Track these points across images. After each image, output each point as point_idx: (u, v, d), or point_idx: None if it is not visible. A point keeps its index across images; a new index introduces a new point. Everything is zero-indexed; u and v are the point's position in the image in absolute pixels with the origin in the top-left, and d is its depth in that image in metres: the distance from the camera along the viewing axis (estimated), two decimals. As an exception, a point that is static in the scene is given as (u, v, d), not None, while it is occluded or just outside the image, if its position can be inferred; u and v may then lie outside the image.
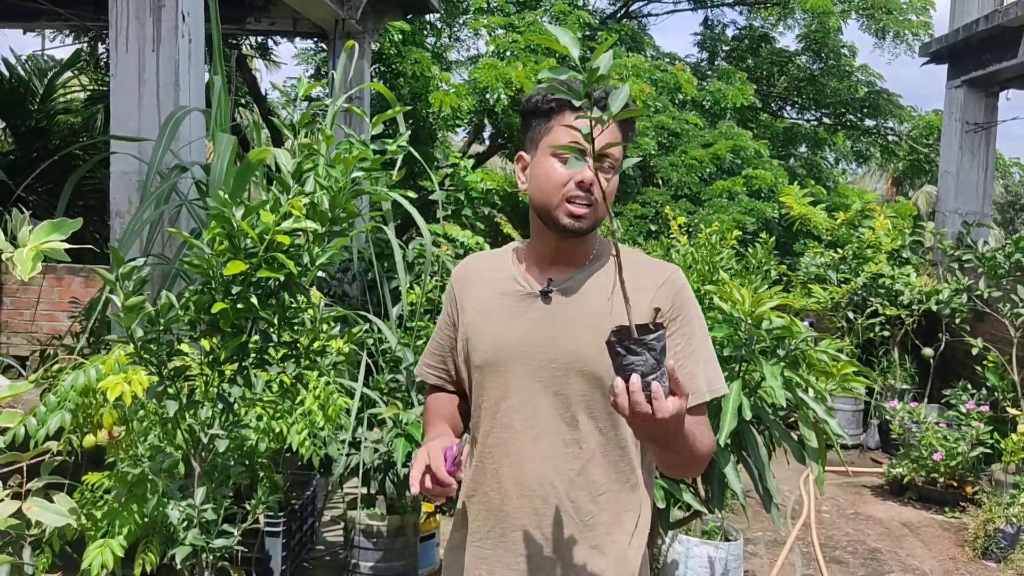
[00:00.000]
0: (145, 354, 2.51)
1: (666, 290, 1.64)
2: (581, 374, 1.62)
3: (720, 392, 1.64)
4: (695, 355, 1.62)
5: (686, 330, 1.63)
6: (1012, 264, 6.51)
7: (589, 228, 1.63)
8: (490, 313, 1.72)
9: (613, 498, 1.66)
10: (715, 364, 1.66)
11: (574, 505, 1.64)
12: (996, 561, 4.89)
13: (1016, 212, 27.71)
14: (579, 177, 1.59)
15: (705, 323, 1.69)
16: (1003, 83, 7.87)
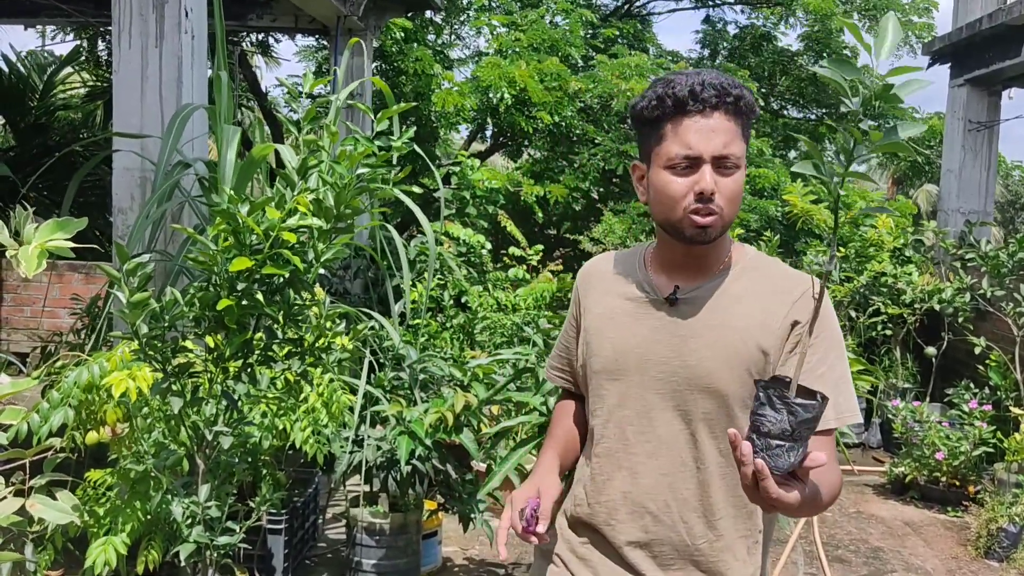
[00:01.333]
0: (150, 350, 2.50)
1: (805, 304, 1.51)
2: (704, 391, 1.53)
3: (851, 420, 1.51)
4: (825, 377, 1.47)
5: (818, 349, 1.49)
6: (1015, 263, 6.50)
7: (717, 236, 1.52)
8: (613, 317, 1.64)
9: (730, 523, 1.57)
10: (848, 388, 1.52)
11: (687, 527, 1.57)
12: (999, 560, 4.88)
13: (1016, 211, 27.70)
14: (699, 188, 1.48)
15: (843, 341, 1.55)
16: (1006, 82, 7.87)
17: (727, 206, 1.49)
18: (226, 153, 3.38)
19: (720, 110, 1.48)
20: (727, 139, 1.48)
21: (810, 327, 1.33)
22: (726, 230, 1.54)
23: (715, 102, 1.47)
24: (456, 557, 4.53)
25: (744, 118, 1.51)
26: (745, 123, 1.52)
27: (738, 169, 1.50)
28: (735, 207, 1.51)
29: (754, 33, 12.03)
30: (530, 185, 9.22)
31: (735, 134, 1.49)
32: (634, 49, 10.98)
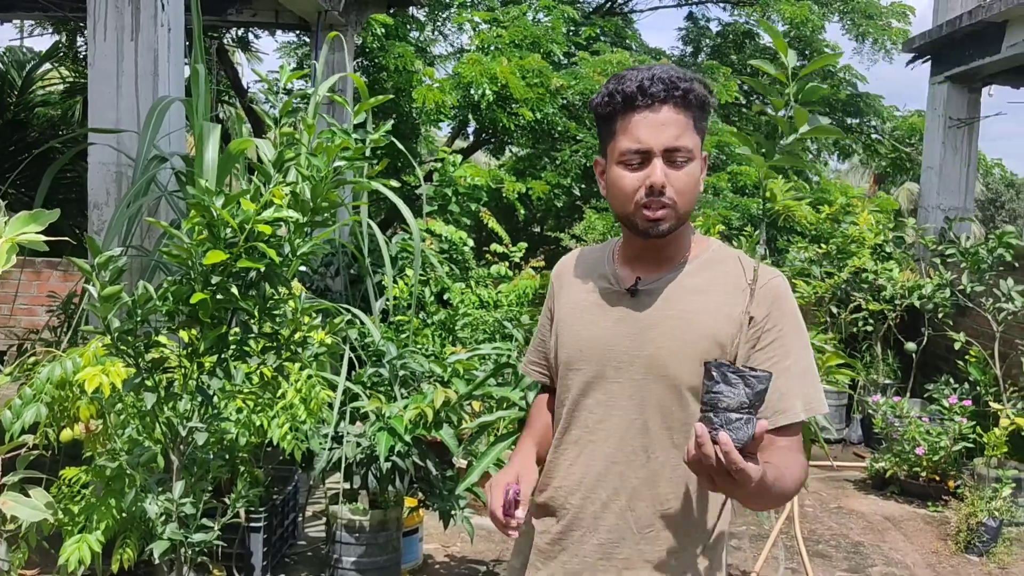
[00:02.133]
0: (122, 345, 2.46)
1: (762, 298, 1.52)
2: (660, 380, 1.55)
3: (818, 411, 1.53)
4: (790, 370, 1.50)
5: (782, 343, 1.51)
6: (995, 259, 6.54)
7: (671, 228, 1.54)
8: (581, 309, 1.67)
9: (679, 516, 1.58)
10: (814, 380, 1.54)
11: (634, 515, 1.58)
12: (979, 555, 4.91)
13: (996, 209, 27.95)
14: (649, 182, 1.50)
15: (807, 337, 1.57)
16: (986, 79, 7.91)
17: (680, 199, 1.51)
18: (204, 147, 3.34)
19: (669, 104, 1.50)
20: (677, 132, 1.50)
21: (748, 313, 1.42)
22: (682, 222, 1.56)
23: (663, 96, 1.49)
24: (437, 554, 4.51)
25: (696, 111, 1.53)
26: (697, 115, 1.53)
27: (690, 162, 1.52)
28: (689, 199, 1.53)
29: (736, 30, 12.05)
30: (512, 182, 9.20)
31: (686, 127, 1.51)
32: (616, 46, 10.97)
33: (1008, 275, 6.31)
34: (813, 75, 1.24)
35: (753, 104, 11.47)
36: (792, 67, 1.31)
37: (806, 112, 1.31)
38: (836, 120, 11.95)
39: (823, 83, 11.55)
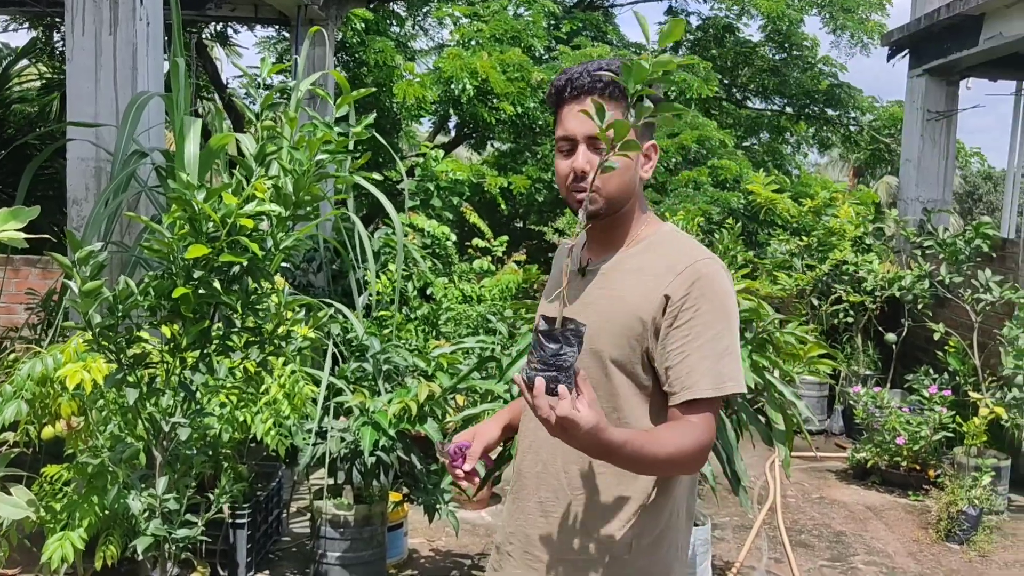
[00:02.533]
0: (104, 341, 2.45)
1: (683, 279, 1.60)
2: (589, 352, 1.63)
3: (728, 390, 1.58)
4: (702, 349, 1.57)
5: (697, 322, 1.58)
6: (973, 250, 6.60)
7: (600, 211, 1.65)
8: (549, 289, 1.85)
9: (611, 479, 1.65)
10: (733, 361, 1.59)
11: (567, 477, 1.68)
12: (959, 543, 4.96)
13: (974, 202, 28.21)
14: (572, 167, 1.65)
15: (732, 319, 1.62)
16: (964, 71, 7.97)
17: (603, 183, 1.62)
18: (184, 141, 3.32)
19: (594, 95, 1.62)
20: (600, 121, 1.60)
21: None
22: (612, 205, 1.66)
23: (588, 88, 1.62)
24: (422, 548, 4.51)
25: (622, 101, 1.61)
26: (625, 105, 1.59)
27: (615, 152, 1.59)
28: (615, 184, 1.63)
29: (716, 24, 12.08)
30: (494, 177, 9.19)
31: (615, 116, 1.59)
32: (597, 41, 10.98)
33: (986, 266, 6.37)
34: (790, 66, 1.26)
35: (732, 99, 11.54)
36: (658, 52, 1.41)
37: (648, 90, 1.44)
38: (816, 111, 12.02)
39: (802, 75, 11.64)
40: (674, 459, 1.53)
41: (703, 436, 1.56)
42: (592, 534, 1.65)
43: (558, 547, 1.68)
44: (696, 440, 1.55)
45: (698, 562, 4.06)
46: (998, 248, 6.64)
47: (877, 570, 4.56)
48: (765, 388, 3.17)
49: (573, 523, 1.67)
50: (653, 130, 1.72)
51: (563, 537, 1.68)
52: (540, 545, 1.71)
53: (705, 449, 1.56)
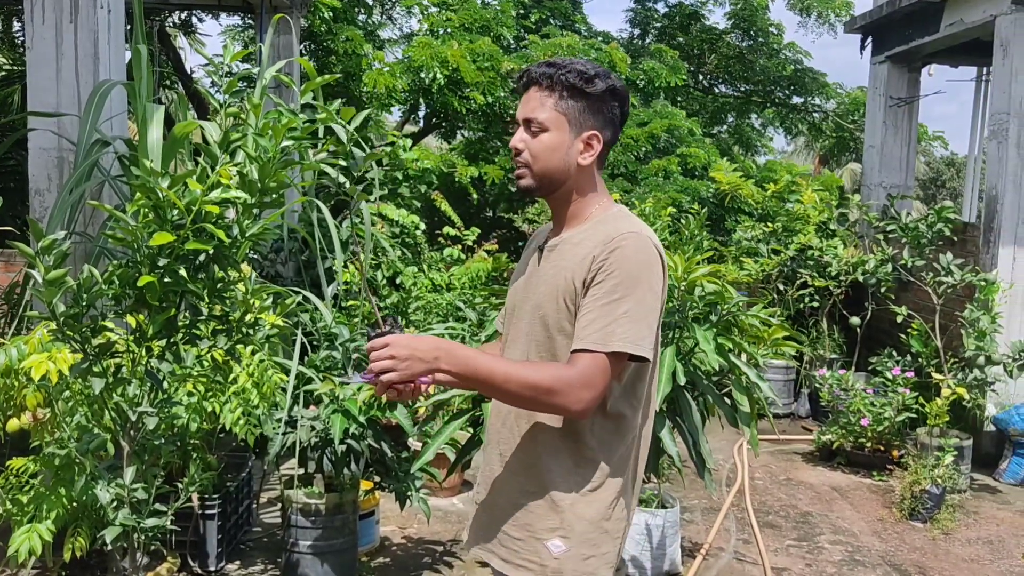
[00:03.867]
0: (68, 331, 2.43)
1: (608, 247, 1.75)
2: (537, 319, 1.84)
3: (619, 348, 1.69)
4: (602, 308, 1.71)
5: (606, 284, 1.72)
6: (935, 234, 6.71)
7: (531, 186, 1.86)
8: (516, 273, 2.02)
9: (555, 434, 1.82)
10: (627, 323, 1.71)
11: (519, 428, 1.86)
12: (923, 521, 5.06)
13: (937, 188, 28.62)
14: (511, 144, 1.88)
15: (641, 288, 1.73)
16: (925, 58, 8.08)
17: (533, 161, 1.84)
18: (148, 129, 3.29)
19: (534, 86, 1.85)
20: (534, 107, 1.83)
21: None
22: (542, 182, 1.85)
23: (531, 80, 1.85)
24: (394, 536, 4.52)
25: (561, 91, 1.81)
26: (563, 96, 1.81)
27: (544, 132, 1.82)
28: (543, 163, 1.83)
29: (683, 12, 12.14)
30: (465, 166, 9.19)
31: (542, 103, 1.82)
32: (565, 30, 10.99)
33: (947, 249, 6.48)
34: (756, 52, 1.28)
35: (699, 86, 11.60)
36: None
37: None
38: (783, 97, 12.13)
39: (768, 61, 11.74)
40: (532, 386, 1.67)
41: (572, 378, 1.68)
42: (539, 479, 1.82)
43: (512, 490, 1.87)
44: (557, 376, 1.68)
45: (667, 544, 4.11)
46: (959, 232, 6.76)
47: (843, 549, 4.64)
48: (730, 370, 3.21)
49: (522, 469, 1.85)
50: (602, 121, 1.84)
51: (515, 481, 1.86)
52: (499, 488, 1.91)
53: (571, 389, 1.67)
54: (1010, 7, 6.12)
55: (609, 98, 1.83)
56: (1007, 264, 6.17)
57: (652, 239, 1.80)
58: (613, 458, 1.82)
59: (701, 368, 3.26)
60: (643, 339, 1.71)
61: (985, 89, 8.25)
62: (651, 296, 1.74)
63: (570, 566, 1.80)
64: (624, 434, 1.83)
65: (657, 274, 1.77)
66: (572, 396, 1.67)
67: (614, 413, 1.81)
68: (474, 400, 3.46)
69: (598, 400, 1.71)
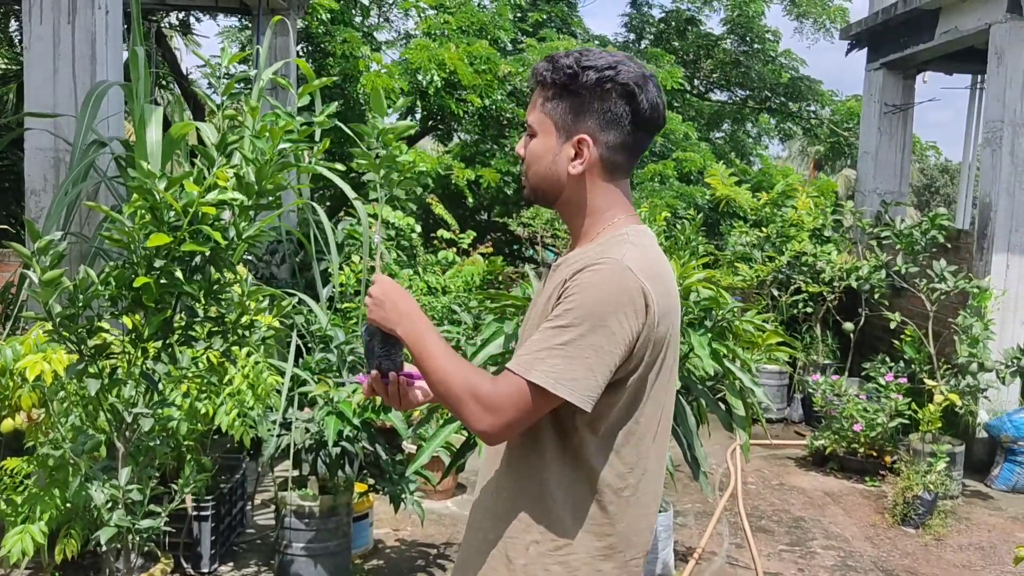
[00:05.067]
0: (64, 331, 2.44)
1: (567, 274, 1.52)
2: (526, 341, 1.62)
3: (535, 380, 1.44)
4: (544, 332, 1.47)
5: (560, 310, 1.48)
6: (928, 240, 6.73)
7: (530, 196, 1.66)
8: (537, 289, 1.87)
9: (511, 482, 1.60)
10: (560, 357, 1.45)
11: (491, 465, 1.67)
12: (915, 527, 5.08)
13: (931, 195, 28.71)
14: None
15: (600, 330, 1.45)
16: (920, 66, 8.12)
17: (527, 168, 1.65)
18: (145, 131, 3.30)
19: (537, 85, 1.63)
20: (530, 108, 1.64)
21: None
22: (536, 193, 1.65)
23: (534, 79, 1.63)
24: (388, 539, 4.52)
25: (552, 90, 1.59)
26: (552, 95, 1.59)
27: (534, 136, 1.63)
28: (533, 170, 1.63)
29: (679, 17, 12.17)
30: (461, 169, 9.20)
31: (535, 105, 1.62)
32: (562, 33, 11.02)
33: (941, 256, 6.51)
34: (752, 58, 1.29)
35: (695, 91, 11.62)
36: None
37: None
38: (778, 104, 12.18)
39: (763, 67, 11.77)
40: (448, 388, 1.49)
41: (485, 395, 1.46)
42: (499, 527, 1.60)
43: (477, 530, 1.67)
44: (471, 388, 1.47)
45: (660, 547, 4.12)
46: (953, 239, 6.79)
47: (835, 554, 4.66)
48: (724, 375, 3.22)
49: (489, 511, 1.64)
50: (599, 122, 1.57)
51: (482, 521, 1.66)
52: (471, 524, 1.71)
53: (479, 406, 1.47)
54: (1005, 15, 6.16)
55: (607, 93, 1.54)
56: (1000, 271, 6.20)
57: (641, 275, 1.48)
58: (583, 518, 1.54)
59: (695, 373, 3.27)
60: (572, 380, 1.43)
61: (979, 97, 8.29)
62: (605, 339, 1.44)
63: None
64: (599, 494, 1.54)
65: (628, 317, 1.46)
66: (476, 415, 1.46)
67: (587, 467, 1.53)
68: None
69: (506, 429, 1.47)
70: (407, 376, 1.69)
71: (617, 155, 1.59)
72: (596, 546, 1.55)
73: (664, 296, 1.53)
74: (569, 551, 1.54)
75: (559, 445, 1.54)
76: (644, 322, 1.48)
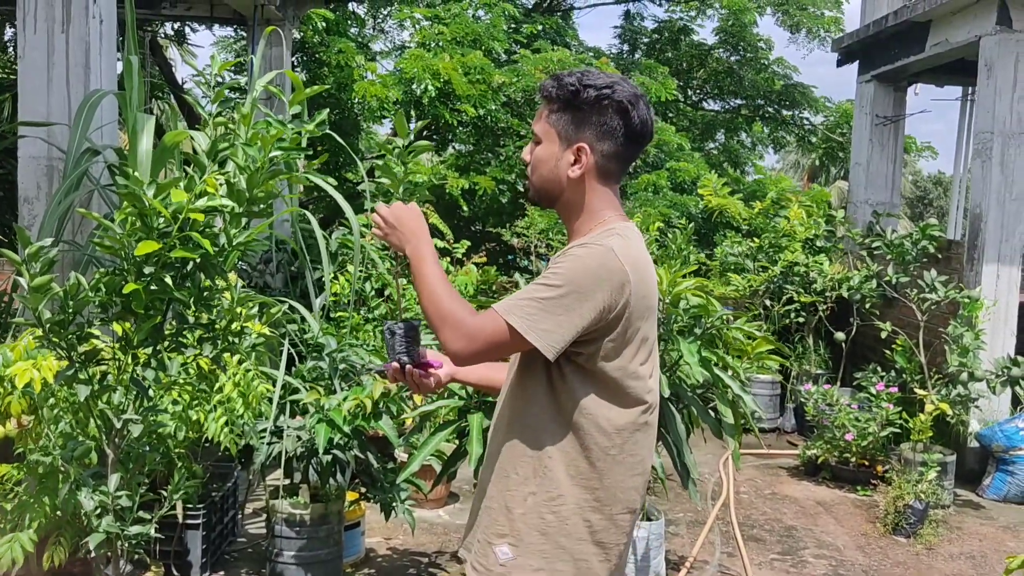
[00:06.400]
0: (54, 337, 2.44)
1: (564, 251, 1.78)
2: None
3: (512, 323, 1.69)
4: (528, 287, 1.74)
5: (545, 272, 1.75)
6: (919, 250, 6.76)
7: (533, 198, 1.89)
8: None
9: (511, 443, 1.82)
10: (536, 307, 1.69)
11: (492, 436, 1.91)
12: (906, 536, 5.09)
13: (924, 207, 28.82)
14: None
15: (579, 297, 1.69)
16: (911, 77, 8.17)
17: (531, 173, 1.88)
18: (138, 139, 3.31)
19: (544, 100, 1.86)
20: (536, 119, 1.87)
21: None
22: (539, 194, 1.88)
23: (541, 94, 1.86)
24: (379, 548, 4.52)
25: (556, 104, 1.83)
26: (556, 108, 1.83)
27: (539, 144, 1.86)
28: (537, 175, 1.87)
29: (672, 27, 12.24)
30: (455, 178, 9.22)
31: (542, 116, 1.85)
32: (556, 44, 11.06)
33: (932, 266, 6.54)
34: (745, 67, 1.31)
35: (688, 101, 11.67)
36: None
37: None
38: (772, 112, 12.25)
39: (756, 76, 11.85)
40: (436, 306, 1.73)
41: (464, 322, 1.72)
42: (500, 482, 1.83)
43: (482, 491, 1.90)
44: (455, 313, 1.72)
45: (652, 556, 4.12)
46: (943, 249, 6.82)
47: (827, 563, 4.66)
48: (715, 383, 3.24)
49: (491, 470, 1.87)
50: (596, 133, 1.80)
51: (485, 483, 1.88)
52: (478, 489, 1.94)
53: (456, 328, 1.71)
54: (994, 28, 6.21)
55: (604, 108, 1.78)
56: (991, 281, 6.23)
57: (625, 260, 1.72)
58: (575, 473, 1.77)
59: (686, 381, 3.29)
60: (544, 331, 1.68)
61: (970, 108, 8.34)
62: (579, 303, 1.68)
63: (516, 575, 1.78)
64: (588, 451, 1.77)
65: (603, 290, 1.69)
66: (453, 336, 1.71)
67: (578, 429, 1.77)
68: (460, 411, 3.47)
69: (474, 356, 1.72)
70: (426, 366, 1.96)
71: (610, 162, 1.83)
72: (585, 498, 1.78)
73: (641, 283, 1.76)
74: (562, 502, 1.77)
75: (554, 409, 1.77)
76: (619, 299, 1.71)
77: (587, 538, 1.78)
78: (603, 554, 1.80)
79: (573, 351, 1.72)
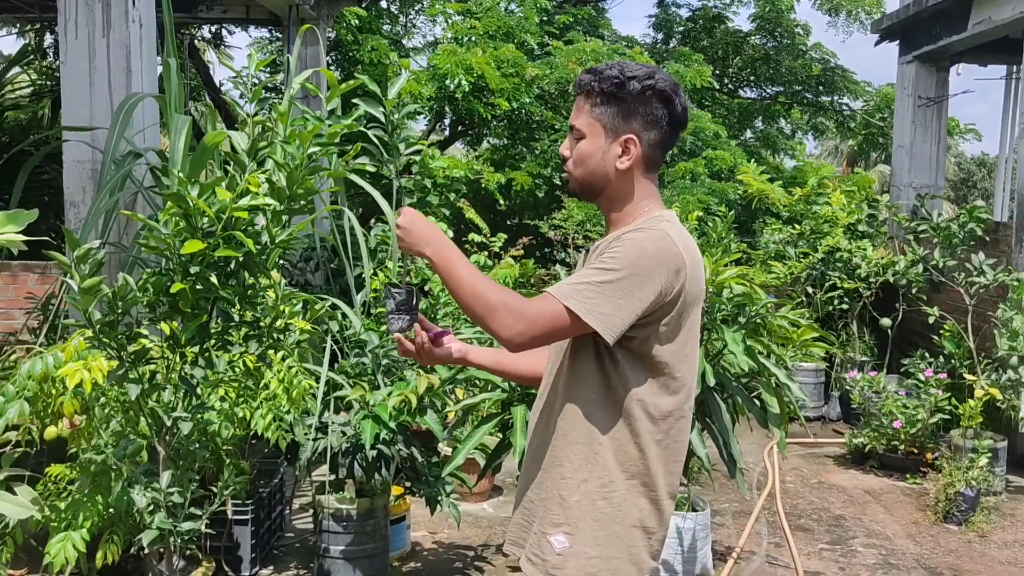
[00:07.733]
0: (104, 338, 2.48)
1: (615, 237, 1.78)
2: None
3: (567, 303, 1.69)
4: (586, 271, 1.73)
5: (604, 257, 1.74)
6: (966, 233, 6.63)
7: (575, 190, 1.89)
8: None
9: (561, 432, 1.82)
10: (594, 291, 1.69)
11: (535, 427, 1.92)
12: (957, 524, 5.00)
13: (968, 189, 28.25)
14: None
15: (639, 280, 1.70)
16: (953, 57, 8.00)
17: (574, 167, 1.87)
18: (178, 140, 3.35)
19: (582, 94, 1.86)
20: (576, 113, 1.86)
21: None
22: (583, 187, 1.87)
23: (578, 88, 1.87)
24: (425, 541, 4.54)
25: (597, 98, 1.83)
26: (598, 102, 1.83)
27: (582, 139, 1.85)
28: (581, 169, 1.85)
29: (706, 15, 12.11)
30: (491, 173, 9.21)
31: (582, 111, 1.85)
32: (589, 35, 11.00)
33: (979, 249, 6.40)
34: (782, 53, 1.28)
35: (725, 89, 11.54)
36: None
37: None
38: (810, 98, 12.06)
39: (794, 62, 11.69)
40: (481, 298, 1.70)
41: (517, 307, 1.69)
42: (551, 472, 1.84)
43: (532, 484, 1.89)
44: (505, 300, 1.69)
45: (698, 547, 4.09)
46: (991, 231, 6.67)
47: (876, 552, 4.60)
48: (759, 372, 3.20)
49: (540, 462, 1.87)
50: (642, 123, 1.81)
51: (534, 475, 1.89)
52: (524, 482, 1.93)
53: (509, 315, 1.69)
54: (1040, 3, 6.06)
55: (649, 99, 1.80)
56: (1040, 263, 6.09)
57: (680, 245, 1.75)
58: (624, 459, 1.79)
59: (730, 370, 3.25)
60: (604, 314, 1.68)
61: (1015, 87, 8.15)
62: (638, 287, 1.69)
63: (572, 564, 1.78)
64: (637, 436, 1.79)
65: (661, 274, 1.71)
66: (507, 322, 1.68)
67: (626, 412, 1.78)
68: (503, 404, 3.47)
69: (531, 340, 1.70)
70: (437, 335, 1.95)
71: (656, 151, 1.85)
72: (634, 484, 1.80)
73: (694, 267, 1.78)
74: (613, 488, 1.79)
75: (605, 394, 1.78)
76: (675, 284, 1.73)
77: (637, 524, 1.80)
78: (648, 540, 1.82)
79: (628, 335, 1.73)
